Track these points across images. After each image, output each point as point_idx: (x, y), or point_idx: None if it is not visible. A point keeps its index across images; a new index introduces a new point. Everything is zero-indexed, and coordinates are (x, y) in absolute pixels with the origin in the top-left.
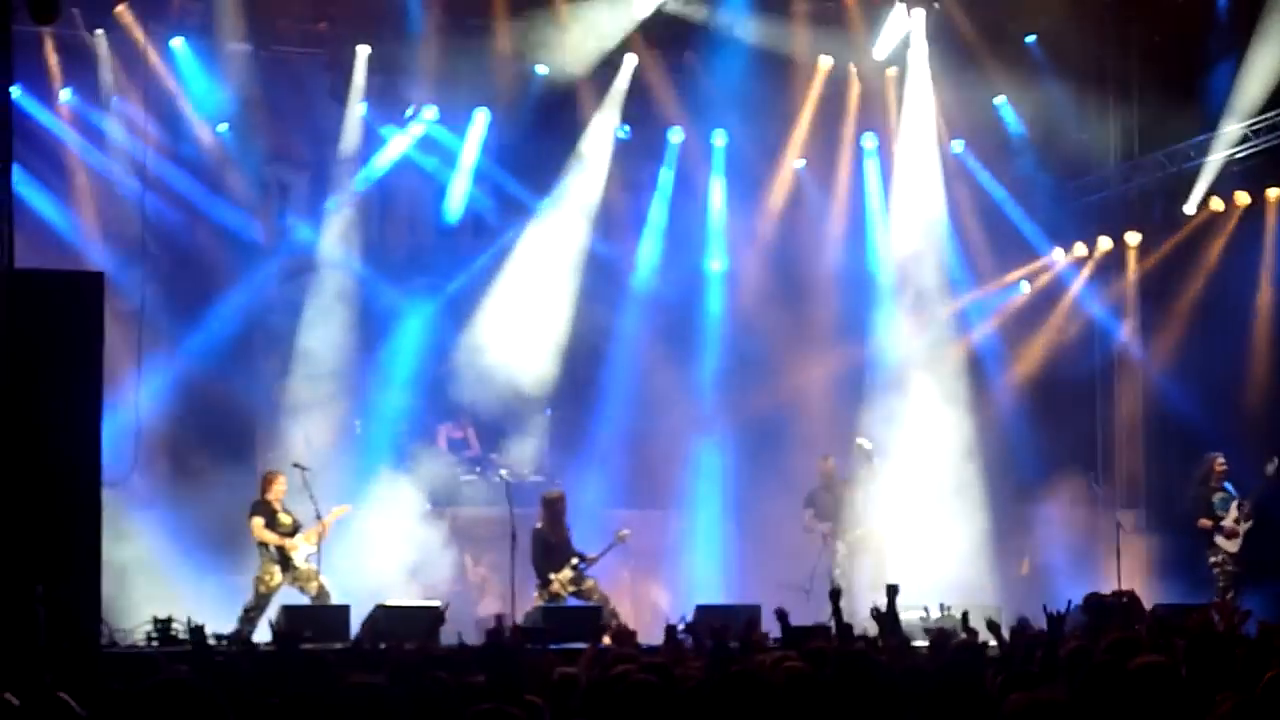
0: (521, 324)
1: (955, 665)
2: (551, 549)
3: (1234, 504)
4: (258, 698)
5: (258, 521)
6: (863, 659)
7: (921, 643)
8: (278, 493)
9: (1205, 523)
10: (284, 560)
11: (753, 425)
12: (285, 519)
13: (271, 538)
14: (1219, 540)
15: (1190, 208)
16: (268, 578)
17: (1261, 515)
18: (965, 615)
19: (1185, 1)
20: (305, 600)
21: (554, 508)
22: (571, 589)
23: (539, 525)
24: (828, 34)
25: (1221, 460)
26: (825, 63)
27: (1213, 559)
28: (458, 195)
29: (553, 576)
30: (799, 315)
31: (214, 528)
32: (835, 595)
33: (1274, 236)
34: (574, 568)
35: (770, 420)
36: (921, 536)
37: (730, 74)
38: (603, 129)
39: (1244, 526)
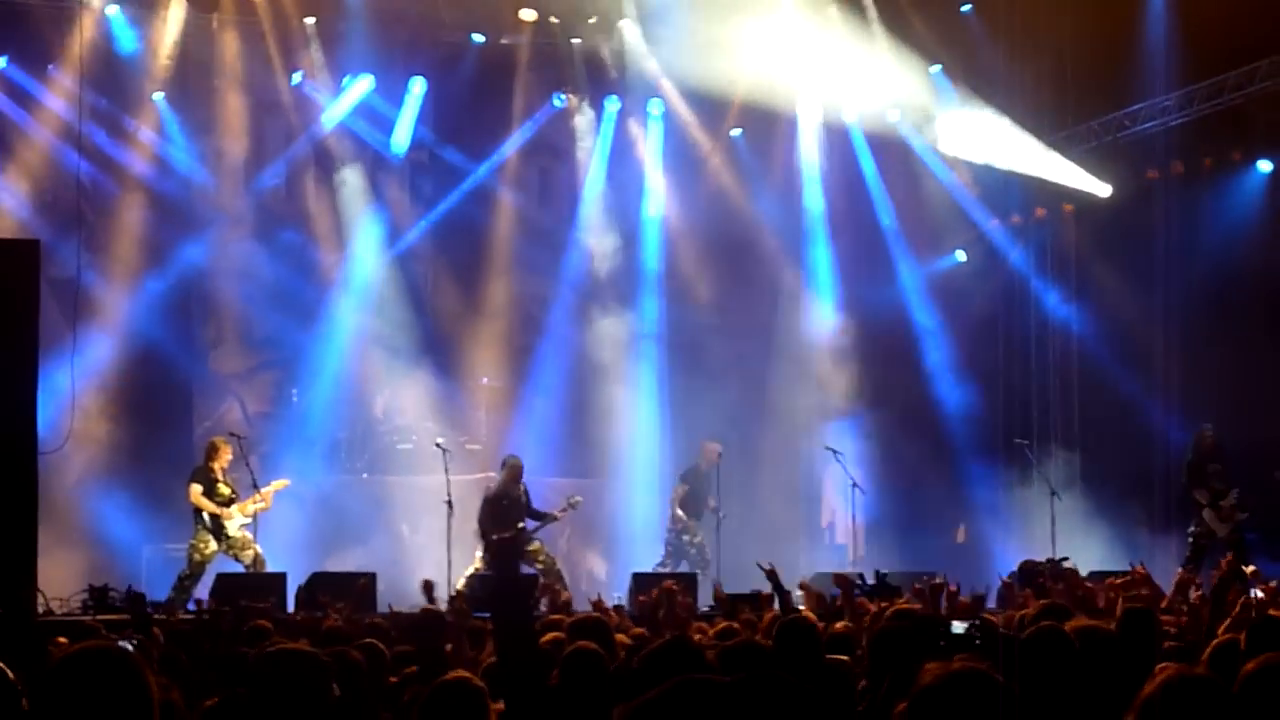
0: (456, 293)
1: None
2: (501, 511)
3: (1234, 491)
4: (195, 666)
5: (196, 488)
6: (807, 627)
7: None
8: (221, 461)
9: (1201, 496)
10: (218, 529)
11: (690, 394)
12: (224, 489)
13: (208, 505)
14: (1207, 516)
15: (1126, 176)
16: (202, 546)
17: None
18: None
19: None
20: (240, 569)
21: (513, 472)
22: None
23: (492, 488)
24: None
25: (1210, 431)
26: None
27: (1193, 528)
28: (394, 161)
29: (495, 537)
30: (738, 283)
31: (149, 496)
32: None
33: (1210, 205)
34: (519, 529)
35: (708, 389)
36: (857, 505)
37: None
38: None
39: (1240, 516)
